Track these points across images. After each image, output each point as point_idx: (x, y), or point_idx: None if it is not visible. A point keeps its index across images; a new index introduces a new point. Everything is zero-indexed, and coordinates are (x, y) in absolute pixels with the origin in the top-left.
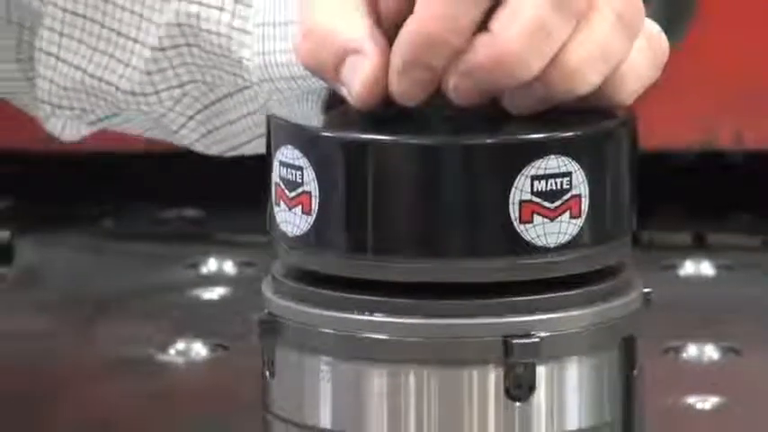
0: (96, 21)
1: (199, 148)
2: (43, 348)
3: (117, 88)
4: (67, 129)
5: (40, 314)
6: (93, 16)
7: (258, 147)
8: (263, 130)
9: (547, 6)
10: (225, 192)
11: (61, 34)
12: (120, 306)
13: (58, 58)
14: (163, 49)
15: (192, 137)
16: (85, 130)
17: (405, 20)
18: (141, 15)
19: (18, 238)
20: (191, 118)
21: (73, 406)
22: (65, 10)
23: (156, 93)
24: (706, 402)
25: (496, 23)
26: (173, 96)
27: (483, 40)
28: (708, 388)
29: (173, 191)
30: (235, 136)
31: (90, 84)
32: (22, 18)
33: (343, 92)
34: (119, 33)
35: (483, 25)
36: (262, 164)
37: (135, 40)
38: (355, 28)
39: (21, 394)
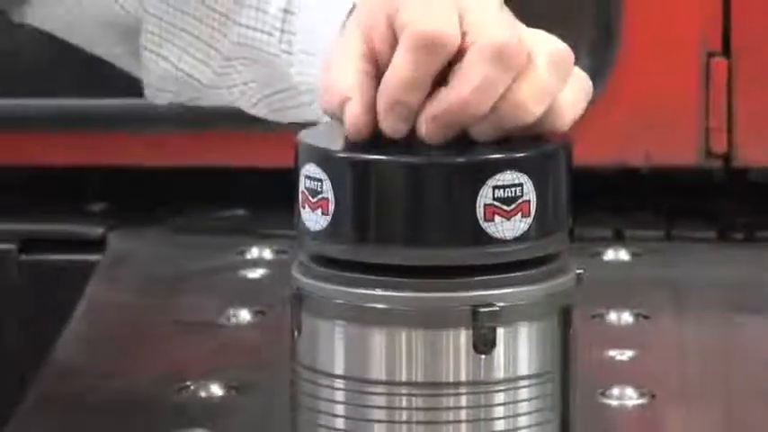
0: (185, 30)
1: (270, 118)
2: (129, 315)
3: (199, 81)
4: (165, 101)
5: (127, 290)
6: (182, 26)
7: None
8: (310, 117)
9: (490, 64)
10: (265, 198)
11: (160, 37)
12: (187, 283)
13: (158, 55)
14: (229, 59)
15: (262, 113)
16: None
17: None
18: (214, 28)
19: (110, 233)
20: (255, 104)
21: (151, 356)
22: (161, 19)
23: (227, 87)
24: (623, 355)
25: (454, 79)
26: (239, 90)
27: (444, 92)
28: (624, 344)
29: (227, 196)
30: (295, 115)
31: (180, 76)
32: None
33: (344, 128)
34: (200, 40)
35: (445, 81)
36: (292, 177)
37: (211, 47)
38: (350, 83)
39: (113, 348)
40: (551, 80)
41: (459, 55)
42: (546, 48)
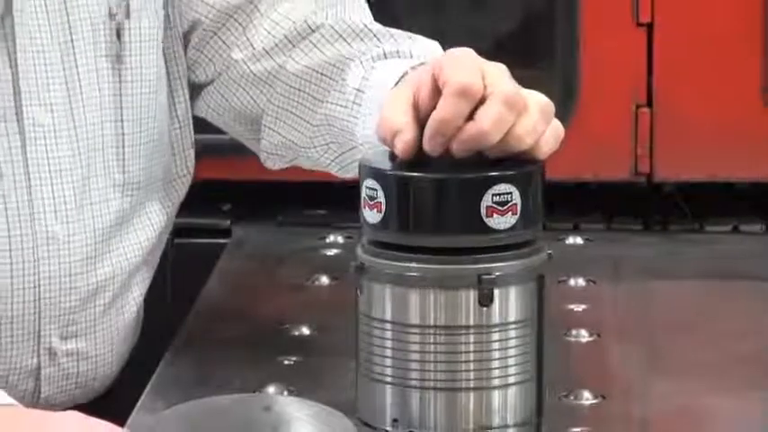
0: (288, 110)
1: (339, 174)
2: (246, 280)
3: (296, 144)
4: (274, 164)
5: (245, 263)
6: (288, 108)
7: None
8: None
9: (503, 106)
10: (339, 201)
11: (276, 117)
12: (285, 258)
13: (272, 129)
14: (317, 126)
15: (334, 171)
16: (279, 165)
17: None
18: (306, 107)
19: (234, 225)
20: (332, 161)
21: (261, 307)
22: (279, 107)
23: (314, 147)
24: (579, 308)
25: (477, 115)
26: (322, 149)
27: (470, 124)
28: (579, 300)
29: (314, 200)
30: (353, 170)
31: (285, 143)
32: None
33: (395, 151)
34: (301, 118)
35: (471, 116)
36: (356, 187)
37: (303, 120)
38: (401, 119)
39: (236, 302)
40: (540, 121)
41: (480, 102)
42: (537, 99)
